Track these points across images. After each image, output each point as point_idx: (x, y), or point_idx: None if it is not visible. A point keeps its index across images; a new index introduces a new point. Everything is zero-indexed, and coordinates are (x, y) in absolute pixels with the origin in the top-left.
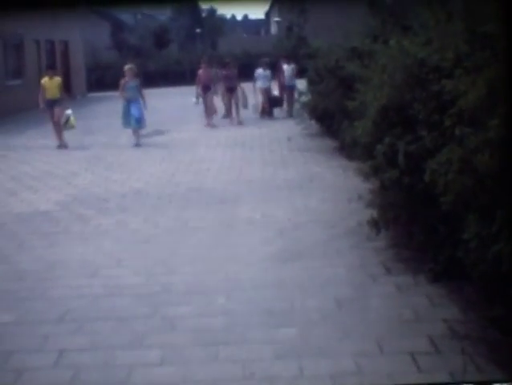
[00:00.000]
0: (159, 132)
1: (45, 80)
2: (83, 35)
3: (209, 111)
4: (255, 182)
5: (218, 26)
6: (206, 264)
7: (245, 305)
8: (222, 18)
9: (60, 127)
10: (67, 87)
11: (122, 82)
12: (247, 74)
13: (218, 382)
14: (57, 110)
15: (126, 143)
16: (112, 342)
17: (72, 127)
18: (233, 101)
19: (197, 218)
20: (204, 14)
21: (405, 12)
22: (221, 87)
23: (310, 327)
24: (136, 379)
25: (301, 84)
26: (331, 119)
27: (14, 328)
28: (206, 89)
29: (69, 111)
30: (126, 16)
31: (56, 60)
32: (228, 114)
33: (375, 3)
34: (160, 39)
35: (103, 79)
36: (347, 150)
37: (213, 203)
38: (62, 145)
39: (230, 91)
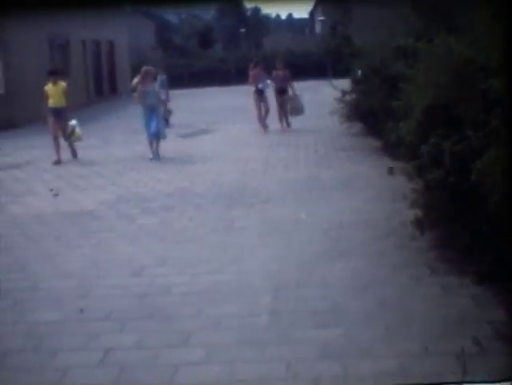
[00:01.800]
0: (204, 132)
1: (48, 87)
2: (129, 35)
3: (262, 113)
4: (300, 181)
5: (263, 25)
6: (251, 263)
7: (289, 305)
8: (267, 18)
9: (67, 138)
10: (112, 86)
11: (139, 86)
12: (292, 73)
13: (262, 382)
14: (62, 120)
15: (171, 141)
16: (157, 341)
17: (78, 139)
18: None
19: (242, 217)
20: (248, 14)
21: (450, 11)
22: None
23: (355, 327)
24: (181, 378)
25: (344, 84)
26: (374, 119)
27: (59, 326)
28: (259, 91)
29: (74, 122)
30: (171, 16)
31: (102, 60)
32: (280, 117)
33: (419, 2)
34: (205, 39)
35: None
36: (391, 150)
37: (257, 202)
38: (60, 161)
39: (281, 92)
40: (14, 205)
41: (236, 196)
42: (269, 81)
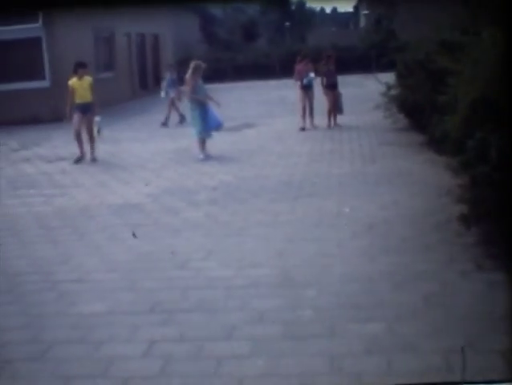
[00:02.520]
0: (248, 125)
1: (73, 81)
2: (174, 29)
3: (306, 109)
4: (344, 176)
5: (307, 19)
6: (295, 257)
7: (333, 299)
8: (311, 12)
9: (91, 136)
10: (157, 79)
11: (191, 81)
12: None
13: (306, 376)
14: (88, 117)
15: (215, 135)
16: (202, 334)
17: (101, 135)
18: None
19: (286, 211)
20: (293, 7)
21: (497, 3)
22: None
23: (399, 322)
24: (225, 371)
25: (389, 78)
26: (420, 113)
27: (105, 318)
28: (304, 86)
29: (98, 118)
30: (215, 10)
31: (146, 53)
32: (329, 114)
33: None
34: (249, 32)
35: None
36: (436, 144)
37: (301, 196)
38: (81, 158)
39: (332, 88)
40: (61, 198)
41: (280, 190)
42: (312, 74)
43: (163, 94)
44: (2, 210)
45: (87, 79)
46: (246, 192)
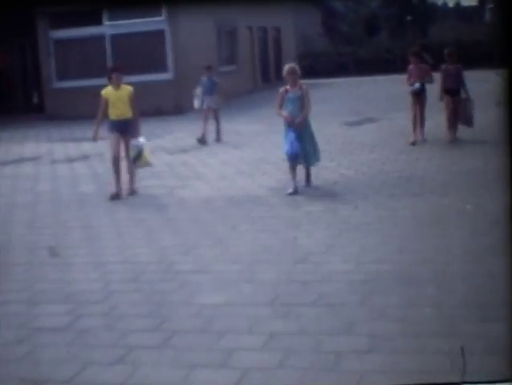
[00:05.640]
0: (369, 120)
1: (107, 91)
2: (295, 22)
3: (417, 120)
4: (465, 172)
5: (429, 13)
6: (415, 254)
7: (454, 297)
8: (433, 5)
9: (129, 164)
10: (278, 73)
11: (282, 91)
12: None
13: (425, 374)
14: (128, 137)
15: (336, 127)
16: (321, 328)
17: (146, 164)
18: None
19: (406, 207)
20: (414, 1)
21: None
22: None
23: None
24: (344, 366)
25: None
26: None
27: (225, 309)
28: (415, 92)
29: (141, 141)
30: (337, 3)
31: (268, 47)
32: (449, 124)
33: None
34: (371, 26)
35: (313, 67)
36: None
37: (422, 192)
38: (120, 194)
39: (452, 93)
40: (183, 189)
41: (400, 186)
42: (428, 78)
43: (197, 103)
44: (127, 200)
45: (126, 89)
46: (367, 187)
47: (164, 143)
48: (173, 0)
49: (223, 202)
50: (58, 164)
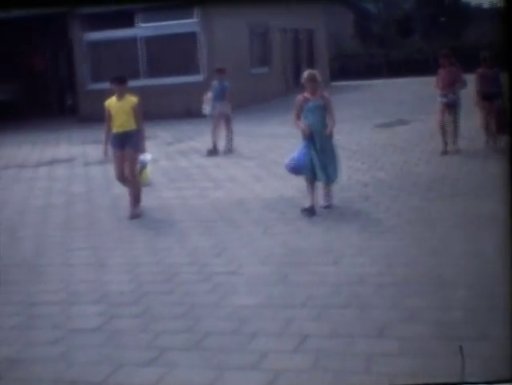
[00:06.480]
0: (401, 122)
1: (110, 102)
2: (327, 24)
3: (446, 132)
4: (502, 176)
5: (463, 14)
6: (446, 256)
7: (486, 301)
8: (468, 6)
9: (133, 182)
10: None
11: (300, 99)
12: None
13: (457, 377)
14: (128, 152)
15: (367, 129)
16: (352, 330)
17: (146, 183)
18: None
19: (439, 210)
20: (447, 2)
21: None
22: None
23: None
24: (376, 368)
25: None
26: None
27: (258, 311)
28: (446, 104)
29: (146, 157)
30: (369, 4)
31: (300, 49)
32: (487, 132)
33: None
34: (404, 28)
35: (345, 69)
36: None
37: (455, 194)
38: (137, 214)
39: (490, 98)
40: (215, 191)
41: (433, 188)
42: (460, 84)
43: (207, 110)
44: (159, 202)
45: (130, 100)
46: (398, 189)
47: (195, 145)
48: (206, 2)
49: (256, 204)
50: (92, 166)
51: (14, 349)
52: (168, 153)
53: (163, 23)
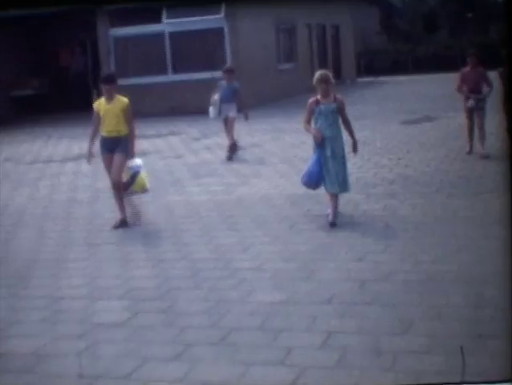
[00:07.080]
0: (428, 118)
1: (99, 104)
2: (353, 20)
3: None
4: None
5: (491, 10)
6: (474, 254)
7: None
8: (495, 2)
9: (126, 189)
10: (337, 71)
11: (311, 102)
12: None
13: (484, 376)
14: (117, 157)
15: (393, 125)
16: (378, 328)
17: (142, 189)
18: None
19: (466, 207)
20: None
21: None
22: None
23: None
24: (401, 366)
25: None
26: None
27: (283, 307)
28: (469, 108)
29: (137, 163)
30: (396, 0)
31: (327, 45)
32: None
33: None
34: (430, 24)
35: (372, 64)
36: None
37: (482, 192)
38: (125, 221)
39: None
40: (241, 187)
41: (460, 185)
42: (486, 87)
43: (213, 112)
44: (185, 197)
45: (121, 101)
46: (425, 186)
47: (220, 141)
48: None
49: (281, 200)
50: None
51: (41, 343)
52: (194, 149)
53: (189, 19)
